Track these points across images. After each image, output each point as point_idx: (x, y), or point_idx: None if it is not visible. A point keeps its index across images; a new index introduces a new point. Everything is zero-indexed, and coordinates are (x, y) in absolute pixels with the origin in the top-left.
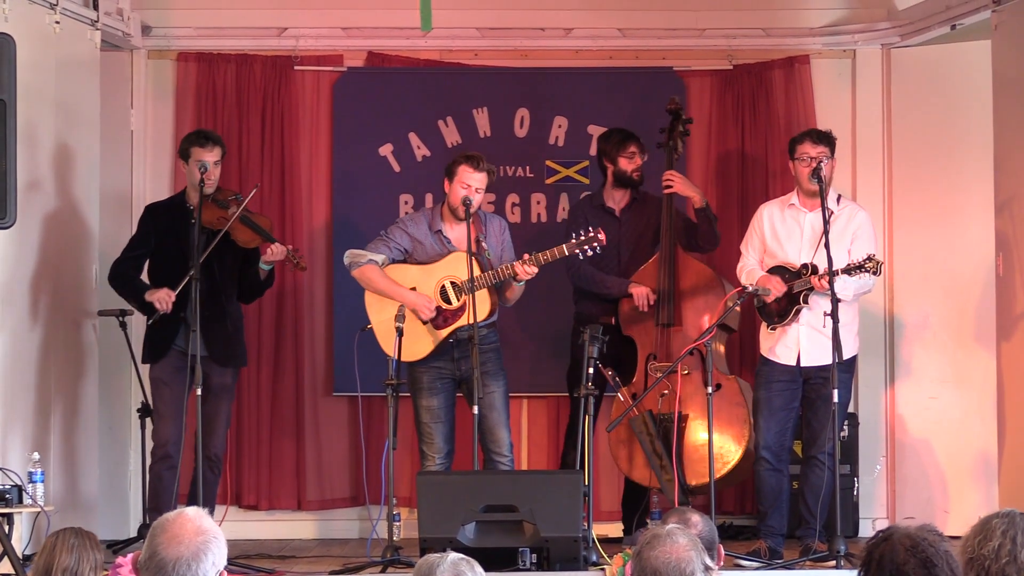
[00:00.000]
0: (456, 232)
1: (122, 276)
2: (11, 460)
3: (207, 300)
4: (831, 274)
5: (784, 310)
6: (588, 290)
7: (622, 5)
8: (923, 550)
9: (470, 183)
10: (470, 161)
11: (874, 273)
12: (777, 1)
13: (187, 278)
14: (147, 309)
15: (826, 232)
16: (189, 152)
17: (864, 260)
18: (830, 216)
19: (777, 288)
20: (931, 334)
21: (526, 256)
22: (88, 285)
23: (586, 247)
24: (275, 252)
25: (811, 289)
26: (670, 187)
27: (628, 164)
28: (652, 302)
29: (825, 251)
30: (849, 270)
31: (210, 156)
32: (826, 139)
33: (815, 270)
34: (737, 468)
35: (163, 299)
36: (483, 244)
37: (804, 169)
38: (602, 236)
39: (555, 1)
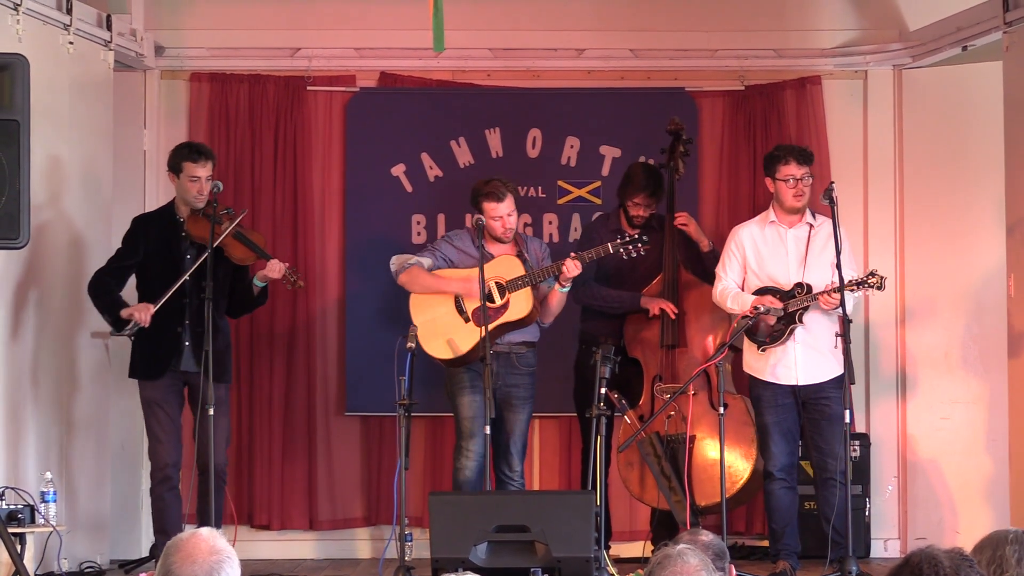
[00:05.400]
0: (497, 249)
1: (102, 286)
2: (23, 480)
3: (199, 316)
4: (842, 292)
5: (779, 331)
6: (598, 308)
7: (634, 26)
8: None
9: (500, 214)
10: (491, 197)
11: (878, 288)
12: (789, 22)
13: (171, 290)
14: (119, 324)
15: (838, 252)
16: (181, 167)
17: (867, 276)
18: (809, 232)
19: (775, 304)
20: (942, 355)
21: (573, 255)
22: None
23: (630, 247)
24: (271, 269)
25: (806, 308)
26: (685, 226)
27: (633, 209)
28: (674, 313)
29: (838, 271)
30: (851, 286)
31: (203, 171)
32: (810, 158)
33: (809, 289)
34: (746, 487)
35: (141, 310)
36: (525, 255)
37: (788, 189)
38: (647, 237)
39: (567, 22)
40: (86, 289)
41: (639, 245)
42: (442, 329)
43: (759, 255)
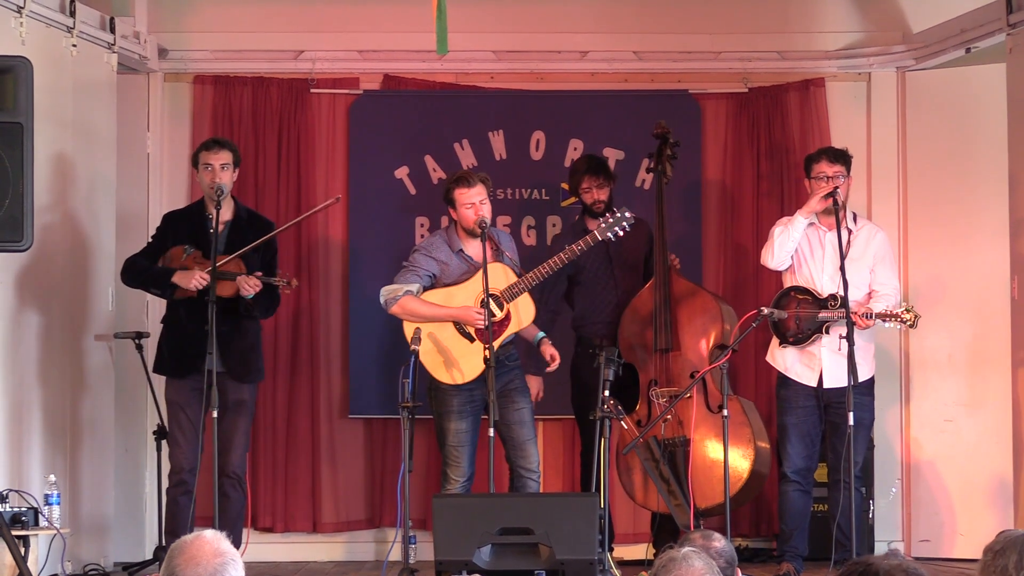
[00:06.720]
0: (474, 249)
1: (138, 266)
2: (27, 482)
3: (222, 314)
4: (846, 300)
5: (803, 335)
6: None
7: (638, 28)
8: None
9: (472, 201)
10: (461, 182)
11: (911, 326)
12: (793, 24)
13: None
14: (169, 292)
15: (842, 257)
16: (198, 158)
17: (902, 311)
18: (849, 236)
19: (821, 193)
20: (946, 357)
21: (562, 252)
22: (104, 307)
23: (616, 228)
24: (245, 286)
25: (835, 321)
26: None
27: (587, 197)
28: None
29: (841, 274)
30: (884, 317)
31: (215, 159)
32: (843, 157)
33: (843, 303)
34: (746, 487)
35: (198, 278)
36: (506, 254)
37: (820, 187)
38: (629, 214)
39: (571, 24)
40: (120, 278)
41: (623, 223)
42: (449, 354)
43: (801, 250)
